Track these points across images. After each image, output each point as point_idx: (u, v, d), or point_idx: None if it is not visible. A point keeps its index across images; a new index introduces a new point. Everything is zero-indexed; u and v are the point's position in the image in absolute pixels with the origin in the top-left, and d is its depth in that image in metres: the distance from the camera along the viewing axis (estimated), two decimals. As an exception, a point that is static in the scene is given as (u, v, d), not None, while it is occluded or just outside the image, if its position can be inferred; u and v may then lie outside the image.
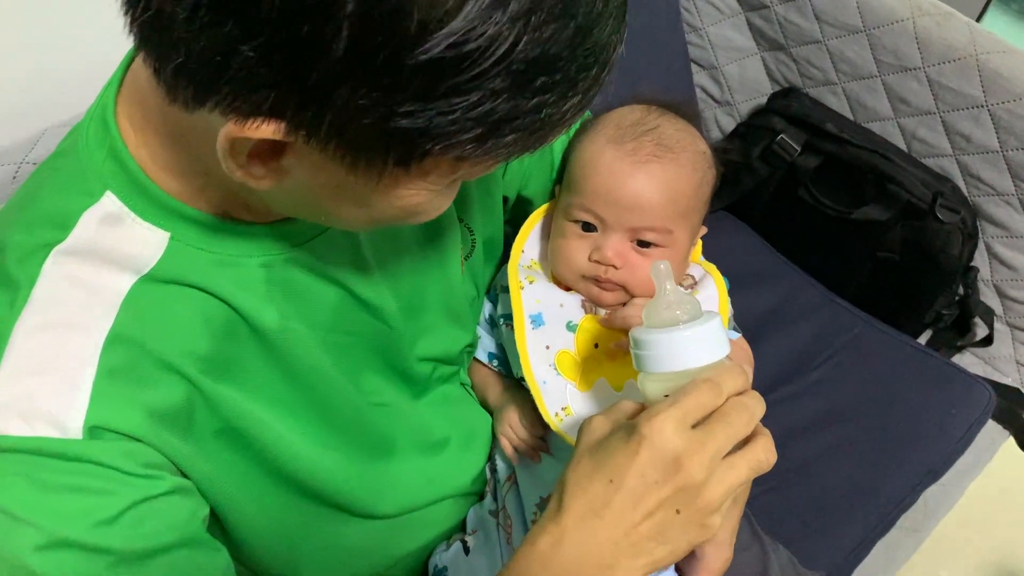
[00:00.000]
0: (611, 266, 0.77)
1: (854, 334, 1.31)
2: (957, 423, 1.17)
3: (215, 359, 0.60)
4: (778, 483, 1.12)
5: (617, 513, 0.54)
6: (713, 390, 0.56)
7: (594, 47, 0.46)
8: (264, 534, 0.67)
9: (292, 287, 0.64)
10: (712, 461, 0.54)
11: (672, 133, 0.79)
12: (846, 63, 1.28)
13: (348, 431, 0.70)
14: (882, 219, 1.26)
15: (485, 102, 0.43)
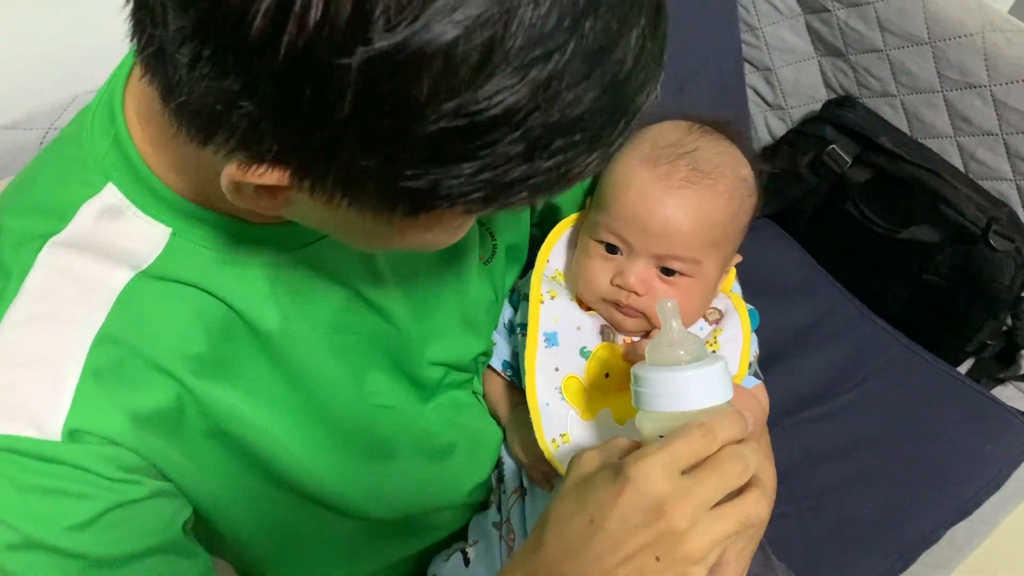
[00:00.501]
0: (633, 292, 0.73)
1: (890, 357, 1.26)
2: (991, 460, 1.13)
3: (209, 359, 0.58)
4: (796, 509, 1.09)
5: (595, 555, 0.52)
6: (707, 436, 0.54)
7: (621, 105, 0.43)
8: (255, 533, 0.66)
9: (297, 287, 0.62)
10: (697, 510, 0.52)
11: (711, 157, 0.75)
12: (907, 75, 1.22)
13: (348, 434, 0.68)
14: (931, 241, 1.21)
15: (497, 166, 0.41)
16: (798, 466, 1.14)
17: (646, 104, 0.45)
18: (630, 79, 0.42)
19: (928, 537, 1.08)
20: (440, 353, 0.77)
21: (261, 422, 0.62)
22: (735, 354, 0.78)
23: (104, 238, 0.55)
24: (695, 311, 0.78)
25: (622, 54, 0.41)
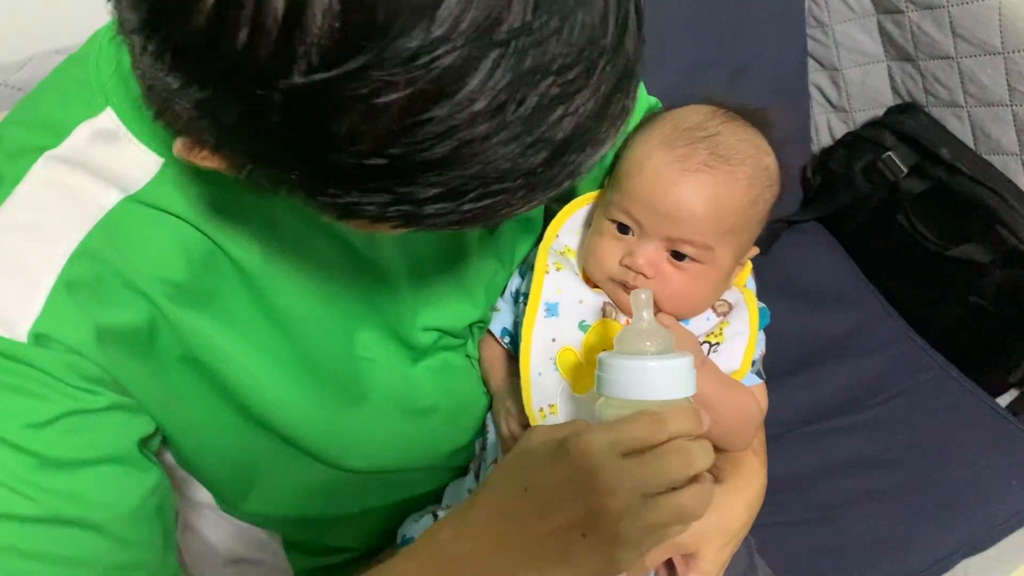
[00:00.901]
0: (641, 274, 0.72)
1: (926, 378, 1.21)
2: (1014, 498, 1.07)
3: (189, 288, 0.59)
4: (800, 519, 1.06)
5: (523, 522, 0.53)
6: (656, 425, 0.54)
7: (557, 162, 0.42)
8: (226, 464, 0.68)
9: (284, 231, 0.63)
10: (630, 493, 0.51)
11: (732, 143, 0.72)
12: (976, 85, 1.16)
13: (325, 378, 0.69)
14: (982, 261, 1.16)
15: (415, 202, 0.41)
16: (810, 476, 1.11)
17: (592, 161, 0.44)
18: (569, 144, 0.41)
19: (934, 567, 1.04)
20: (433, 319, 0.77)
21: (239, 357, 0.63)
22: (739, 349, 0.76)
23: (97, 159, 0.56)
24: (704, 299, 0.76)
25: (561, 120, 0.40)
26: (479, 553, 0.54)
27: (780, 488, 1.08)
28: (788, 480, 1.10)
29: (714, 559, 0.75)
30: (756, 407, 0.75)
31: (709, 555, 0.74)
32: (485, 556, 0.54)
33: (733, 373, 0.74)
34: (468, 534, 0.55)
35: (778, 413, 1.17)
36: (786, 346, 1.25)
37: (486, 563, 0.54)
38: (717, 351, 0.75)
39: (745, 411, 0.74)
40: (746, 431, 0.75)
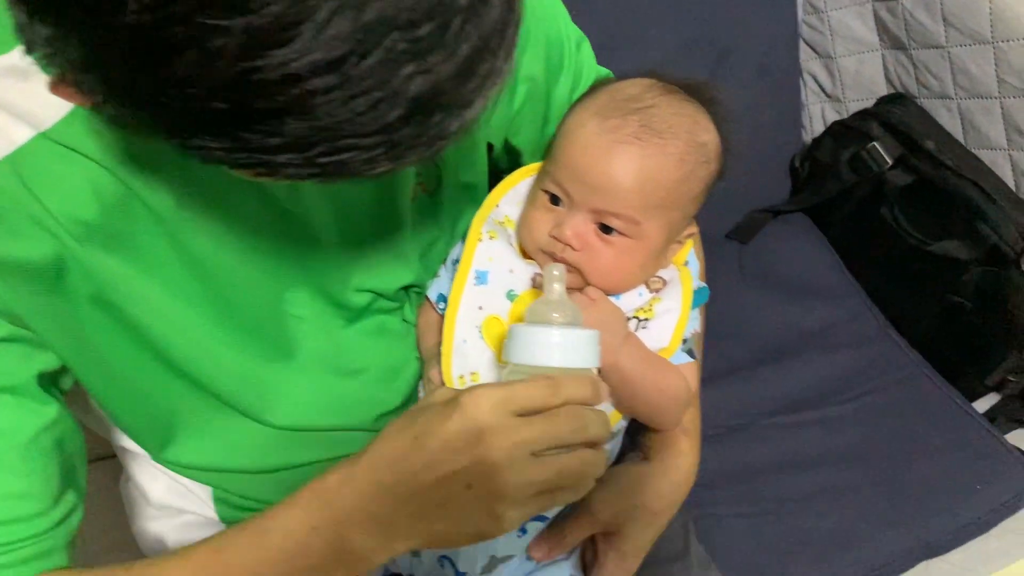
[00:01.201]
0: (568, 245, 0.71)
1: (899, 377, 1.18)
2: (977, 502, 1.04)
3: (101, 229, 0.59)
4: (752, 511, 1.04)
5: (411, 471, 0.53)
6: (550, 389, 0.55)
7: (414, 124, 0.41)
8: (139, 407, 0.68)
9: (199, 182, 0.61)
10: (516, 448, 0.52)
11: (666, 117, 0.71)
12: (966, 76, 1.12)
13: (249, 330, 0.68)
14: (962, 258, 1.12)
15: (259, 150, 0.40)
16: (767, 469, 1.08)
17: (460, 124, 0.43)
18: (427, 103, 0.40)
19: (891, 566, 1.01)
20: (366, 280, 0.76)
21: (155, 301, 0.62)
22: (669, 326, 0.74)
23: (8, 95, 0.56)
24: (632, 275, 0.74)
25: (412, 77, 0.39)
26: (362, 501, 0.55)
27: (735, 479, 1.07)
28: (744, 471, 1.08)
29: (636, 538, 0.74)
30: (684, 385, 0.73)
31: (631, 534, 0.73)
32: (368, 504, 0.54)
33: (662, 350, 0.73)
34: (353, 482, 0.55)
35: (742, 404, 1.16)
36: (759, 336, 1.23)
37: (368, 512, 0.54)
38: (646, 327, 0.73)
39: (671, 389, 0.73)
40: (672, 409, 0.74)
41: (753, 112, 1.29)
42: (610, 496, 0.73)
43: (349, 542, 0.55)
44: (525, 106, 0.81)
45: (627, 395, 0.71)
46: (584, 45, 0.85)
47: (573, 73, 0.82)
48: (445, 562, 0.74)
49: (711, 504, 1.03)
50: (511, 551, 0.73)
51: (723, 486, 1.05)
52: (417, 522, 0.54)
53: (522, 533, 0.72)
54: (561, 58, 0.81)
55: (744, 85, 1.26)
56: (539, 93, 0.80)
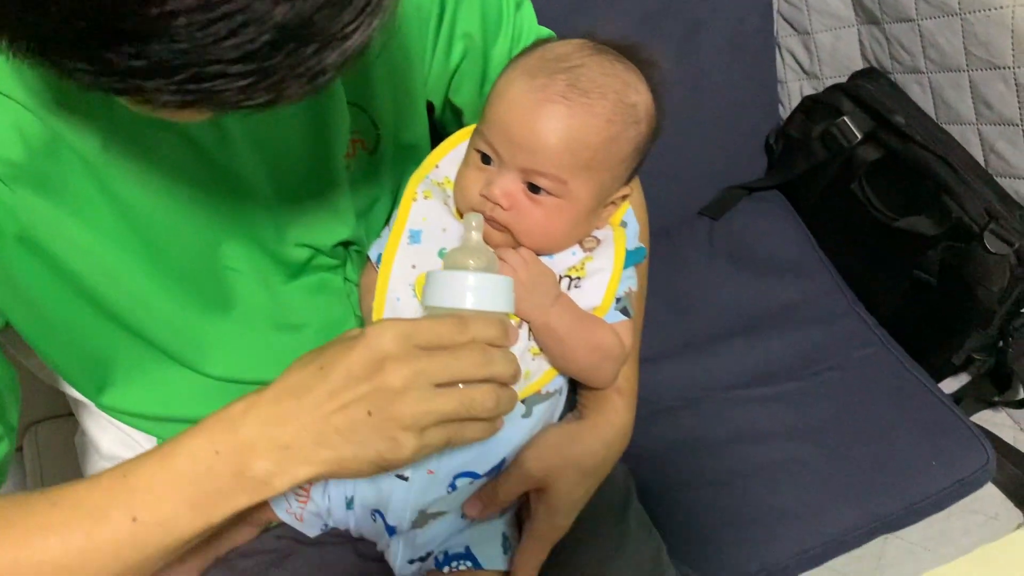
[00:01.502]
0: (498, 205, 0.71)
1: (865, 354, 1.17)
2: (932, 479, 1.03)
3: (28, 170, 0.59)
4: (703, 481, 1.04)
5: (313, 398, 0.55)
6: (456, 326, 0.57)
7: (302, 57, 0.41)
8: (70, 348, 0.68)
9: (124, 127, 0.61)
10: (417, 376, 0.54)
11: (595, 77, 0.70)
12: (935, 50, 1.11)
13: (183, 279, 0.69)
14: (928, 234, 1.10)
15: (124, 73, 0.40)
16: (722, 441, 1.08)
17: (338, 59, 0.43)
18: (295, 32, 0.40)
19: (841, 539, 1.00)
20: (302, 235, 0.77)
21: (85, 243, 0.63)
22: (601, 285, 0.74)
23: None
24: (563, 235, 0.74)
25: (276, 4, 0.38)
26: (265, 427, 0.56)
27: (685, 450, 1.07)
28: (696, 443, 1.08)
29: (566, 494, 0.74)
30: (617, 342, 0.73)
31: (561, 490, 0.73)
32: (271, 431, 0.55)
33: (595, 309, 0.73)
34: (256, 409, 0.56)
35: (701, 377, 1.16)
36: (724, 312, 1.23)
37: (270, 438, 0.55)
38: (579, 286, 0.73)
39: (603, 346, 0.72)
40: (606, 367, 0.74)
41: (726, 88, 1.28)
42: (541, 452, 0.73)
43: (251, 467, 0.55)
44: (463, 64, 0.81)
45: (560, 354, 0.71)
46: (524, 6, 0.84)
47: (512, 34, 0.82)
48: (376, 515, 0.74)
49: (660, 474, 1.02)
50: (442, 507, 0.73)
51: (673, 457, 1.04)
52: (320, 449, 0.55)
53: (451, 489, 0.72)
54: (499, 17, 0.81)
55: (716, 60, 1.25)
56: (476, 51, 0.80)
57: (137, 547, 0.55)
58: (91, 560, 0.54)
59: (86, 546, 0.54)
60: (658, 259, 1.29)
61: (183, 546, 0.57)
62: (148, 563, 0.56)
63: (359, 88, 0.75)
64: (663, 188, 1.32)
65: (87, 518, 0.55)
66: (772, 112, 1.37)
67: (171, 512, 0.55)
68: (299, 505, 0.76)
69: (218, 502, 0.56)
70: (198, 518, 0.56)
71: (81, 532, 0.54)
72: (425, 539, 0.74)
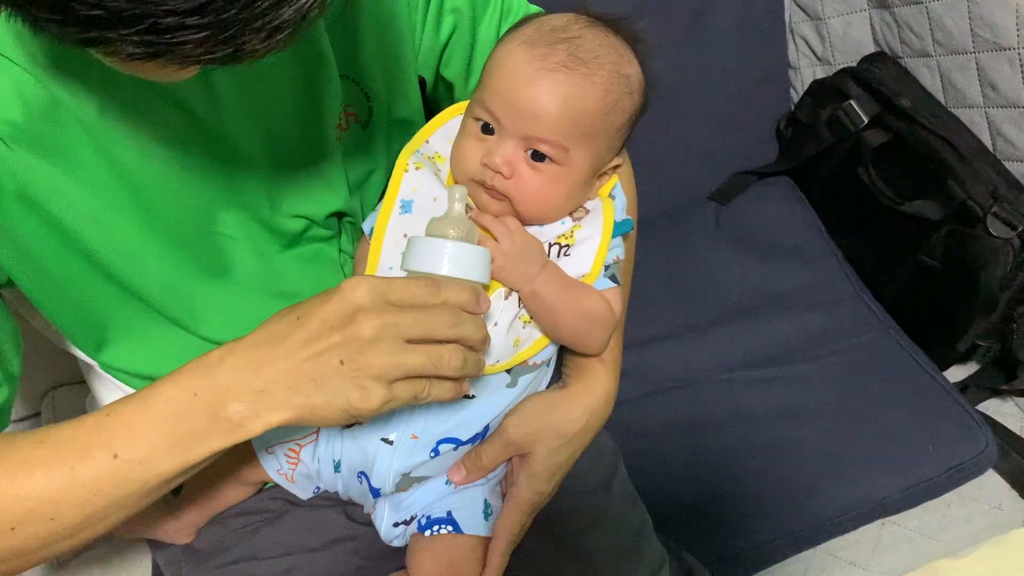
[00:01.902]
0: (499, 173, 0.72)
1: (867, 339, 1.16)
2: (929, 463, 1.02)
3: (27, 131, 0.61)
4: (695, 460, 1.04)
5: (288, 346, 0.57)
6: (430, 288, 0.59)
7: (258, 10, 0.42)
8: (70, 305, 0.70)
9: (122, 92, 0.63)
10: (387, 329, 0.56)
11: (592, 47, 0.72)
12: (943, 32, 1.09)
13: (180, 243, 0.71)
14: (932, 218, 1.09)
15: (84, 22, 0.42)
16: (720, 423, 1.08)
17: (294, 13, 0.44)
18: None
19: (836, 522, 1.00)
20: (296, 205, 0.78)
21: (83, 205, 0.65)
22: (590, 252, 0.75)
23: None
24: (560, 204, 0.75)
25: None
26: (241, 373, 0.58)
27: (679, 429, 1.07)
28: (692, 422, 1.08)
29: (547, 460, 0.75)
30: (606, 308, 0.74)
31: (541, 455, 0.74)
32: (246, 377, 0.57)
33: (584, 276, 0.74)
34: (234, 354, 0.58)
35: (701, 359, 1.16)
36: (729, 296, 1.23)
37: (245, 383, 0.57)
38: (568, 254, 0.74)
39: (592, 313, 0.74)
40: (593, 333, 0.75)
41: (734, 73, 1.28)
42: (523, 418, 0.74)
43: (226, 409, 0.57)
44: (453, 38, 0.82)
45: (549, 321, 0.72)
46: None
47: (501, 9, 0.83)
48: (362, 477, 0.76)
49: (652, 451, 1.03)
50: (425, 472, 0.75)
51: (667, 435, 1.05)
52: (292, 395, 0.57)
53: (434, 454, 0.73)
54: None
55: (724, 44, 1.25)
56: (465, 25, 0.81)
57: (118, 483, 0.57)
58: (74, 494, 0.57)
59: (69, 481, 0.56)
60: (663, 243, 1.31)
61: (163, 484, 0.58)
62: (130, 499, 0.58)
63: (350, 60, 0.77)
64: (671, 173, 1.33)
65: (71, 454, 0.57)
66: (783, 98, 1.36)
67: (150, 450, 0.57)
68: (289, 466, 0.78)
69: (194, 443, 0.58)
70: (176, 457, 0.58)
71: (65, 467, 0.56)
72: (409, 502, 0.76)
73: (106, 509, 0.58)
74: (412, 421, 0.72)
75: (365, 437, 0.73)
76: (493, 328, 0.70)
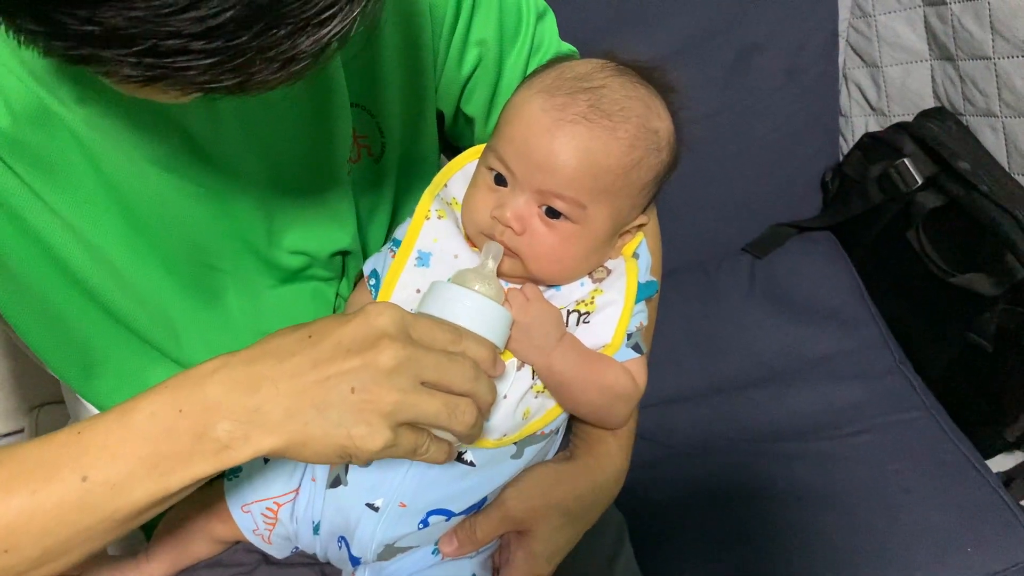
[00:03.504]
0: (509, 227, 0.66)
1: (907, 418, 1.07)
2: (968, 567, 0.92)
3: (14, 139, 0.57)
4: (710, 538, 0.96)
5: (295, 364, 0.52)
6: (452, 335, 0.56)
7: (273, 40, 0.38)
8: (47, 328, 0.65)
9: (119, 106, 0.59)
10: (409, 362, 0.52)
11: (618, 98, 0.66)
12: (1011, 92, 1.01)
13: (168, 269, 0.66)
14: (986, 294, 1.00)
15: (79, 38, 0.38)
16: (737, 499, 1.00)
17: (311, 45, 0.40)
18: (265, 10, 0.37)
19: (855, 624, 0.91)
20: (299, 240, 0.73)
21: (68, 216, 0.61)
22: (611, 321, 0.69)
23: None
24: (575, 264, 0.69)
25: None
26: (236, 390, 0.51)
27: (696, 502, 0.99)
28: (709, 495, 1.00)
29: (548, 540, 0.68)
30: (629, 382, 0.68)
31: (543, 535, 0.68)
32: (241, 395, 0.51)
33: (605, 347, 0.68)
34: (230, 367, 0.52)
35: (726, 425, 1.08)
36: (758, 357, 1.15)
37: (240, 402, 0.51)
38: (588, 322, 0.68)
39: (614, 388, 0.68)
40: (615, 408, 0.69)
41: (780, 118, 1.20)
42: (525, 491, 0.68)
43: (214, 428, 0.51)
44: (477, 72, 0.77)
45: (566, 396, 0.67)
46: (547, 17, 0.80)
47: (530, 45, 0.77)
48: (342, 543, 0.70)
49: (661, 525, 0.95)
50: (410, 543, 0.69)
51: (679, 508, 0.97)
52: (289, 419, 0.51)
53: (423, 525, 0.67)
54: (517, 27, 0.76)
55: (770, 88, 1.17)
56: (490, 60, 0.76)
57: (85, 509, 0.50)
58: (32, 522, 0.49)
59: (28, 506, 0.49)
60: (691, 295, 1.23)
61: (135, 515, 0.51)
62: (95, 531, 0.51)
63: (367, 91, 0.72)
64: (704, 220, 1.25)
65: (33, 475, 0.50)
66: (831, 147, 1.27)
67: (125, 473, 0.50)
68: (267, 527, 0.72)
69: (175, 466, 0.51)
70: (153, 482, 0.51)
71: (26, 490, 0.49)
72: (391, 571, 0.70)
73: (69, 541, 0.50)
74: (402, 486, 0.66)
75: (348, 500, 0.67)
76: (502, 400, 0.64)
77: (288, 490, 0.70)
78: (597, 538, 0.78)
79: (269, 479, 0.72)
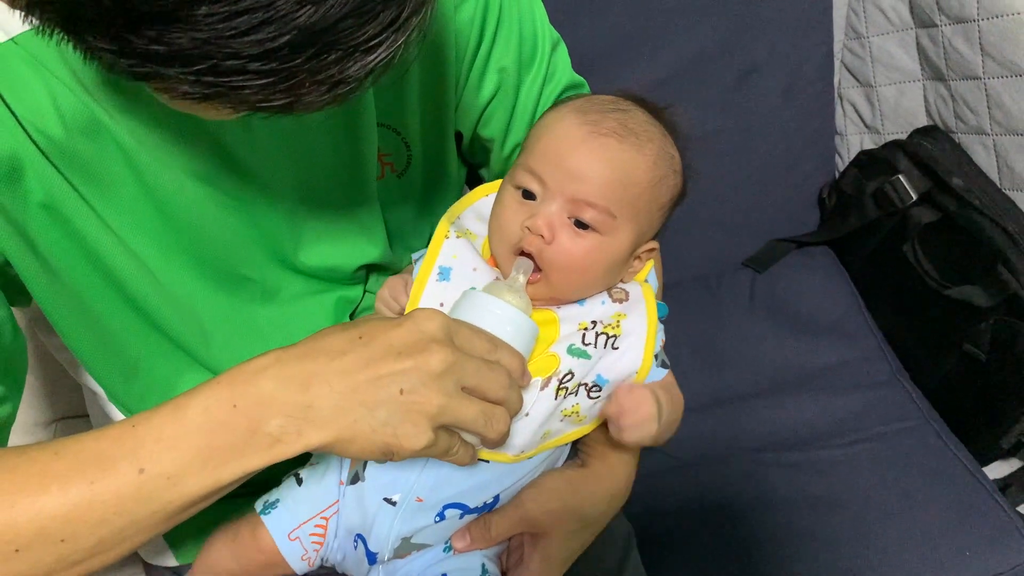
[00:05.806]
0: (539, 236, 0.69)
1: (904, 427, 1.10)
2: (965, 570, 0.95)
3: (64, 146, 0.59)
4: (714, 546, 0.98)
5: (347, 362, 0.53)
6: (490, 343, 0.59)
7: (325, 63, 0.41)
8: (89, 333, 0.67)
9: (162, 119, 0.61)
10: (454, 368, 0.54)
11: (642, 121, 0.71)
12: (1002, 111, 1.04)
13: (200, 275, 0.69)
14: (980, 305, 1.03)
15: (145, 56, 0.41)
16: (740, 507, 1.02)
17: (361, 69, 0.43)
18: (320, 35, 0.40)
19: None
20: (326, 252, 0.75)
21: (111, 222, 0.63)
22: (638, 345, 0.71)
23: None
24: (597, 276, 0.72)
25: (301, 5, 0.39)
26: (289, 386, 0.53)
27: (700, 511, 1.02)
28: (712, 505, 1.02)
29: (563, 544, 0.70)
30: (669, 398, 0.71)
31: (558, 538, 0.70)
32: (294, 391, 0.53)
33: (637, 372, 0.70)
34: (283, 363, 0.53)
35: (728, 436, 1.10)
36: (759, 369, 1.18)
37: (292, 398, 0.53)
38: (616, 347, 0.71)
39: (680, 412, 0.72)
40: (676, 424, 0.72)
41: (779, 136, 1.24)
42: (543, 495, 0.70)
43: (266, 423, 0.52)
44: (496, 98, 0.80)
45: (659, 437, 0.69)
46: (560, 48, 0.83)
47: (545, 72, 0.81)
48: (358, 541, 0.72)
49: (667, 533, 0.97)
50: (426, 539, 0.71)
51: (684, 516, 0.99)
52: (339, 416, 0.53)
53: (439, 519, 0.69)
54: (533, 54, 0.80)
55: (769, 106, 1.21)
56: (509, 86, 0.79)
57: (141, 500, 0.51)
58: (92, 512, 0.51)
59: (87, 497, 0.51)
60: (693, 309, 1.26)
61: (187, 507, 0.53)
62: (150, 521, 0.53)
63: (394, 109, 0.75)
64: (706, 235, 1.28)
65: (91, 467, 0.51)
66: (828, 164, 1.31)
67: (180, 465, 0.52)
68: (314, 548, 0.73)
69: (229, 459, 0.52)
70: (207, 475, 0.52)
71: (84, 482, 0.51)
72: (405, 571, 0.72)
73: (123, 531, 0.52)
74: (419, 482, 0.67)
75: (368, 495, 0.69)
76: (524, 418, 0.66)
77: (331, 501, 0.71)
78: (605, 546, 0.80)
79: (309, 498, 0.73)
